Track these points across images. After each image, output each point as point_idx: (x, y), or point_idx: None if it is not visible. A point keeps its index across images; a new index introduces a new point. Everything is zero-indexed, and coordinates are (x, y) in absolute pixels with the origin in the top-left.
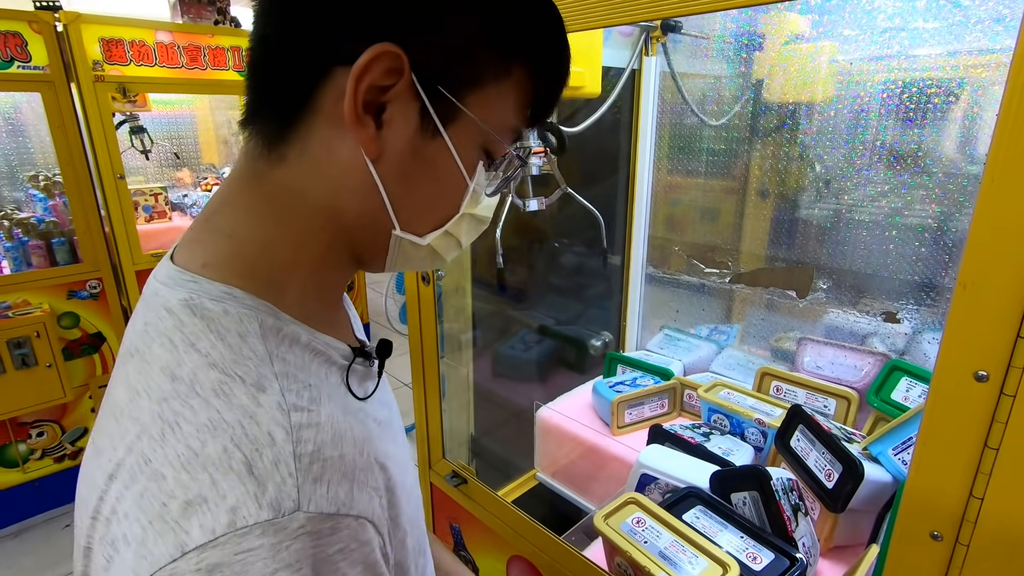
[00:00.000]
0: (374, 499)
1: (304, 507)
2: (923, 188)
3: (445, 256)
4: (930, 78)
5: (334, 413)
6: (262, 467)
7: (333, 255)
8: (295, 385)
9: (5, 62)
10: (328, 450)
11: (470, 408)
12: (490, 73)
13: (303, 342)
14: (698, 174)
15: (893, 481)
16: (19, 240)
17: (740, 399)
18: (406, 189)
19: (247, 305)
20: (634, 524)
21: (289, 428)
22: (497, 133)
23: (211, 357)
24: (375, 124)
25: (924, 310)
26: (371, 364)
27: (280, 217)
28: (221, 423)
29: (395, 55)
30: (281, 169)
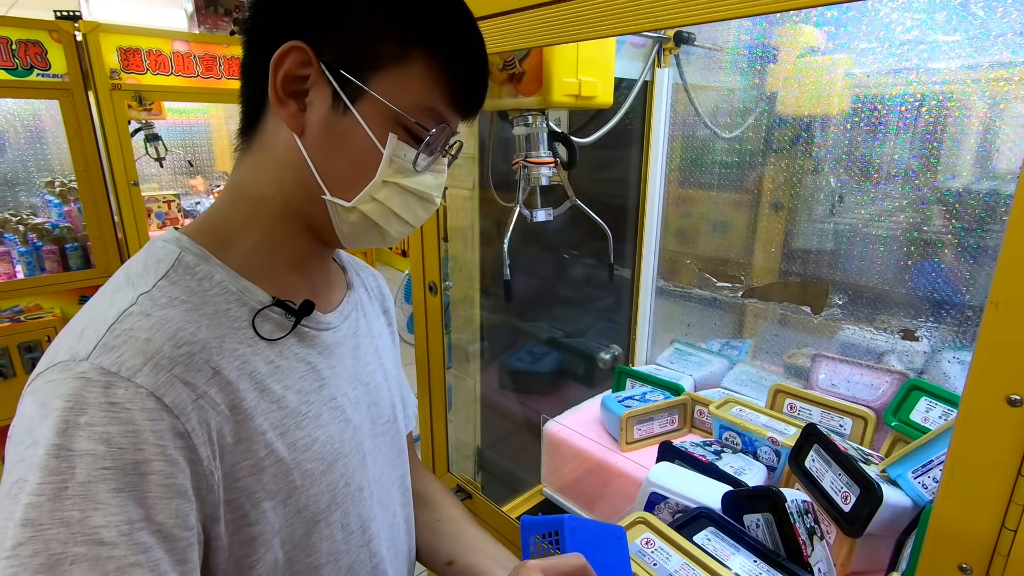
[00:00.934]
0: (177, 385)
1: (91, 359)
2: (942, 203)
3: (385, 227)
4: (950, 91)
5: (172, 316)
6: (89, 331)
7: (285, 224)
8: (160, 293)
9: (25, 70)
10: (139, 332)
11: (476, 420)
12: (387, 57)
13: (215, 279)
14: (710, 186)
15: (913, 506)
16: (34, 245)
17: (752, 416)
18: (329, 158)
19: (180, 246)
20: (643, 545)
21: (121, 312)
22: (408, 110)
23: (130, 269)
24: (299, 106)
25: (943, 328)
26: (289, 317)
27: (240, 194)
28: (101, 307)
29: (301, 49)
30: (247, 156)
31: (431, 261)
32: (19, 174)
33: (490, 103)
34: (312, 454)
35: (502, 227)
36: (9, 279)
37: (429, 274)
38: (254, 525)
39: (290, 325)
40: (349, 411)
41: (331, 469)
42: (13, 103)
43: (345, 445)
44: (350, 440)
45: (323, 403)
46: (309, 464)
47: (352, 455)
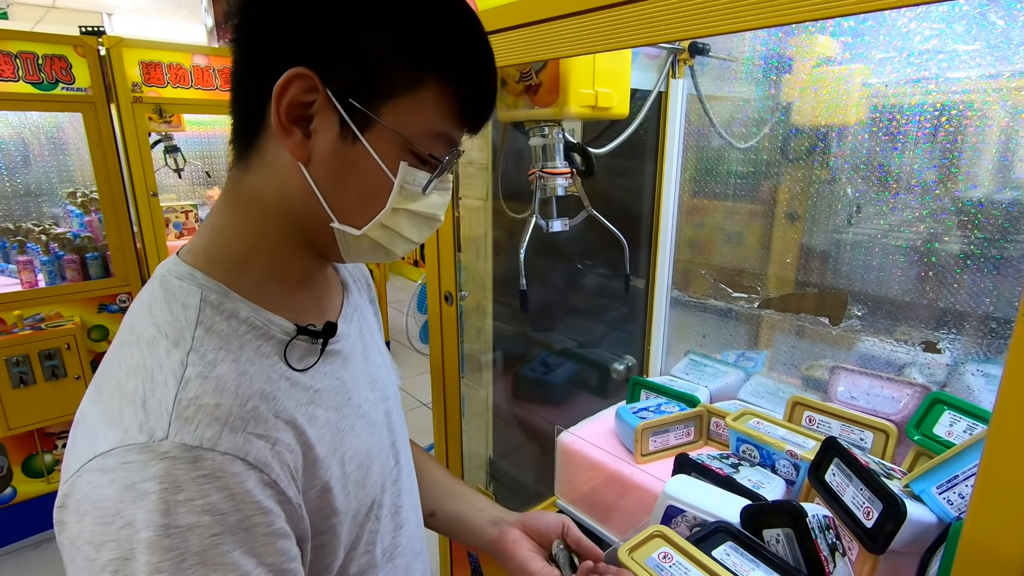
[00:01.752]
0: (254, 442)
1: (171, 437)
2: (963, 213)
3: (391, 248)
4: (970, 101)
5: (228, 372)
6: (152, 404)
7: (290, 244)
8: (205, 347)
9: (51, 84)
10: (206, 398)
11: (489, 430)
12: (400, 85)
13: (241, 317)
14: (725, 197)
15: (938, 522)
16: (55, 254)
17: (770, 429)
18: (337, 187)
19: (199, 283)
20: (660, 559)
21: (181, 378)
22: (419, 137)
23: (157, 319)
24: (303, 133)
25: (966, 340)
26: (315, 342)
27: (245, 214)
28: (142, 367)
29: (307, 76)
30: (247, 176)
31: (447, 271)
32: (42, 185)
33: (506, 114)
34: (355, 464)
35: (514, 237)
36: (31, 287)
37: (445, 284)
38: (324, 534)
39: (316, 348)
40: (372, 413)
41: (371, 472)
42: (38, 116)
43: (374, 446)
44: (378, 440)
45: (353, 414)
46: (356, 474)
47: (381, 453)
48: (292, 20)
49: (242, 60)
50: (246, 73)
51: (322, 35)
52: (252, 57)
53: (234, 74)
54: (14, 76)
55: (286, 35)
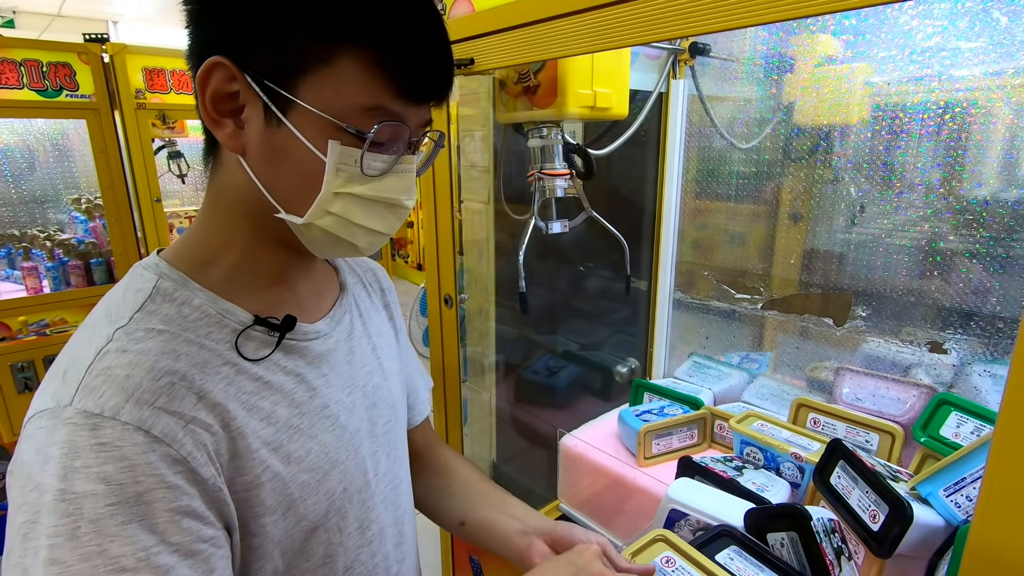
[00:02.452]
0: (163, 417)
1: (75, 404)
2: (969, 212)
3: (351, 239)
4: (974, 98)
5: (150, 348)
6: (71, 374)
7: (261, 239)
8: (137, 326)
9: (55, 91)
10: (117, 370)
11: (492, 434)
12: (314, 59)
13: (194, 304)
14: (727, 197)
15: (946, 525)
16: (60, 260)
17: (775, 431)
18: (273, 174)
19: (158, 272)
20: (664, 564)
21: (99, 351)
22: (346, 113)
23: (109, 302)
24: (236, 124)
25: (973, 340)
26: (272, 334)
27: (216, 213)
28: (76, 343)
29: (222, 65)
30: (215, 177)
31: (446, 274)
32: (47, 191)
33: (505, 115)
34: (307, 465)
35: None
36: (36, 293)
37: (445, 287)
38: (255, 536)
39: (274, 342)
40: (344, 417)
41: (327, 478)
42: (42, 123)
43: (341, 452)
44: (346, 446)
45: (315, 413)
46: (304, 476)
47: (349, 460)
48: (205, 9)
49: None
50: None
51: (231, 20)
52: (191, 55)
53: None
54: (19, 84)
55: (203, 26)
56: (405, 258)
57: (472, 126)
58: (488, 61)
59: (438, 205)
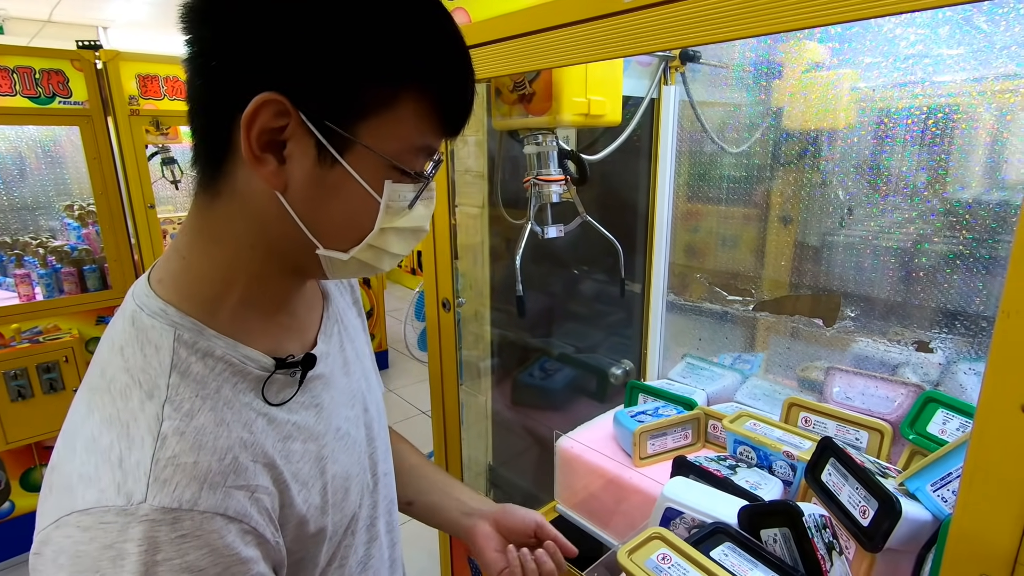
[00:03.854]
0: (234, 495)
1: (149, 500)
2: (952, 215)
3: (378, 265)
4: (956, 104)
5: (205, 424)
6: (129, 464)
7: (269, 270)
8: (181, 396)
9: (48, 98)
10: (184, 457)
11: (488, 437)
12: (375, 103)
13: (217, 355)
14: (719, 201)
15: (933, 519)
16: (53, 267)
17: (767, 430)
18: (318, 213)
19: (172, 321)
20: (659, 561)
21: (157, 435)
22: (401, 153)
23: (129, 363)
24: (277, 160)
25: (958, 339)
26: (294, 373)
27: (219, 244)
28: (116, 420)
29: (277, 101)
30: (217, 204)
31: (444, 278)
32: (39, 198)
33: (500, 123)
34: (334, 488)
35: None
36: (29, 301)
37: (442, 291)
38: (301, 558)
39: (295, 380)
40: (352, 433)
41: (348, 494)
42: (35, 130)
43: (354, 466)
44: (357, 460)
45: (332, 438)
46: (333, 499)
47: (361, 473)
48: (256, 40)
49: (202, 82)
50: (208, 95)
51: (289, 55)
52: (215, 80)
53: (193, 95)
54: (11, 90)
55: (250, 57)
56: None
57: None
58: (484, 70)
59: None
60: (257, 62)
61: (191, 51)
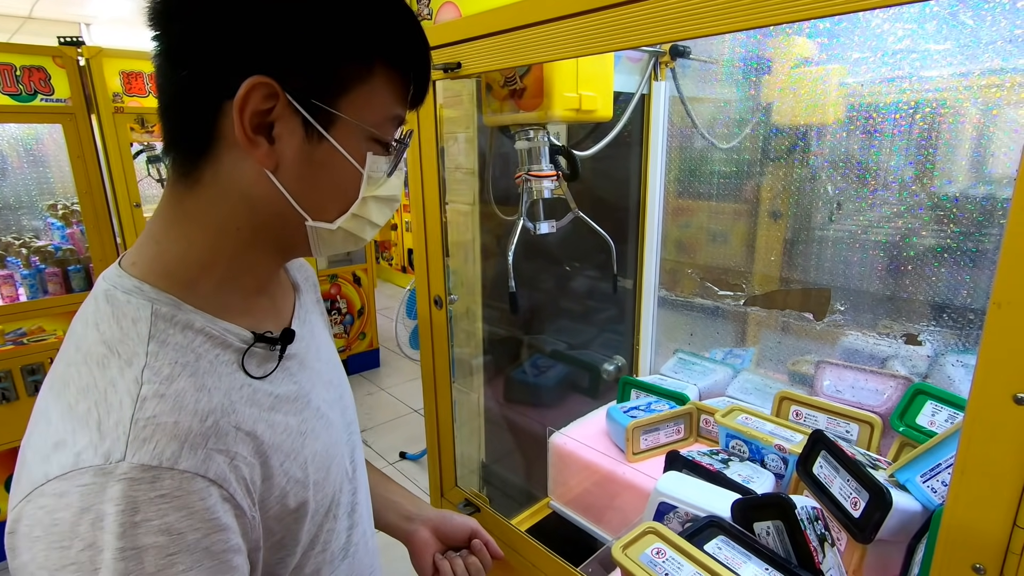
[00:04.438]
0: (215, 458)
1: (128, 458)
2: (940, 208)
3: (361, 235)
4: (943, 99)
5: (186, 388)
6: (107, 425)
7: (254, 250)
8: (160, 362)
9: (29, 95)
10: (164, 417)
11: (480, 434)
12: (353, 78)
13: (196, 327)
14: (709, 197)
15: (923, 510)
16: (36, 268)
17: (759, 424)
18: (308, 188)
19: (149, 297)
20: (654, 555)
21: (136, 397)
22: (379, 124)
23: (105, 335)
24: (268, 140)
25: (946, 332)
26: (273, 348)
27: (198, 226)
28: (93, 387)
29: (266, 84)
30: (198, 191)
31: (436, 275)
32: (21, 198)
33: (491, 118)
34: (315, 467)
35: (503, 241)
36: (12, 302)
37: (434, 288)
38: (282, 540)
39: (274, 355)
40: (329, 414)
41: (330, 474)
42: (16, 128)
43: (333, 447)
44: (335, 441)
45: (313, 416)
46: (315, 476)
47: (340, 454)
48: (237, 28)
49: (178, 73)
50: (193, 85)
51: (271, 39)
52: (198, 69)
53: (169, 88)
54: None
55: (234, 44)
56: (389, 260)
57: (456, 128)
58: (474, 65)
59: (427, 207)
60: (241, 49)
61: (164, 46)
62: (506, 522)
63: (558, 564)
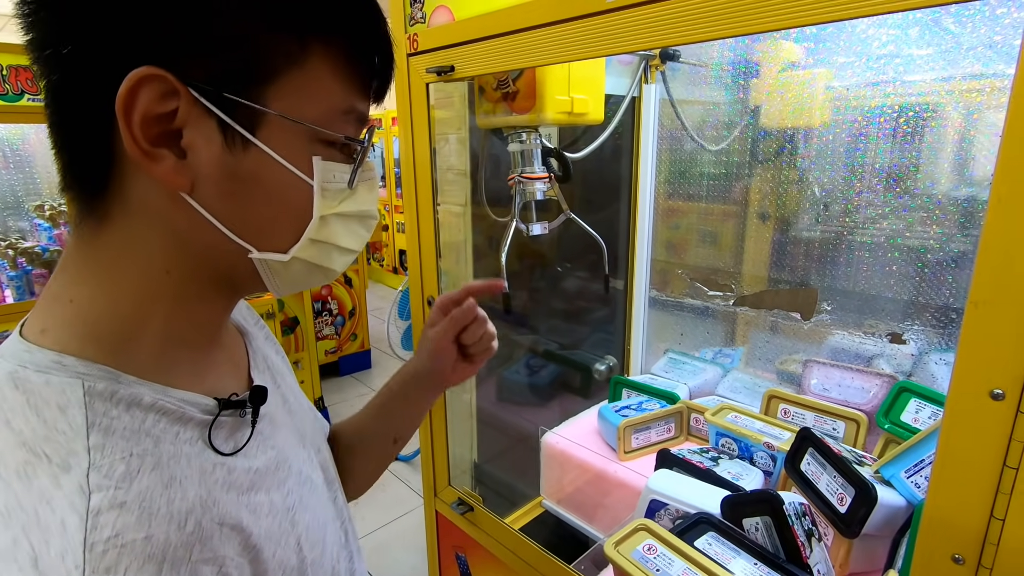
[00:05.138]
0: (204, 569)
1: None
2: (923, 210)
3: (328, 265)
4: (926, 103)
5: (151, 487)
6: (47, 560)
7: (194, 294)
8: (109, 459)
9: (15, 95)
10: (130, 533)
11: (473, 434)
12: (280, 61)
13: (146, 403)
14: (699, 198)
15: (907, 505)
16: (23, 269)
17: (748, 422)
18: (241, 209)
19: (76, 372)
20: (645, 551)
21: (85, 513)
22: (324, 119)
23: (23, 435)
24: (175, 154)
25: (929, 331)
26: (243, 414)
27: (118, 275)
28: (17, 509)
29: (157, 76)
30: (109, 229)
31: (429, 276)
32: (7, 199)
33: (484, 121)
34: (309, 545)
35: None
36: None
37: (428, 289)
38: None
39: (245, 422)
40: (312, 475)
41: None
42: (2, 128)
43: (323, 513)
44: (323, 504)
45: (296, 485)
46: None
47: (330, 520)
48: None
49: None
50: (69, 92)
51: (160, 15)
52: (72, 70)
53: (49, 97)
54: None
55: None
56: (380, 262)
57: (447, 129)
58: (468, 69)
59: (420, 208)
60: (121, 33)
61: (36, 45)
62: (499, 521)
63: (551, 562)
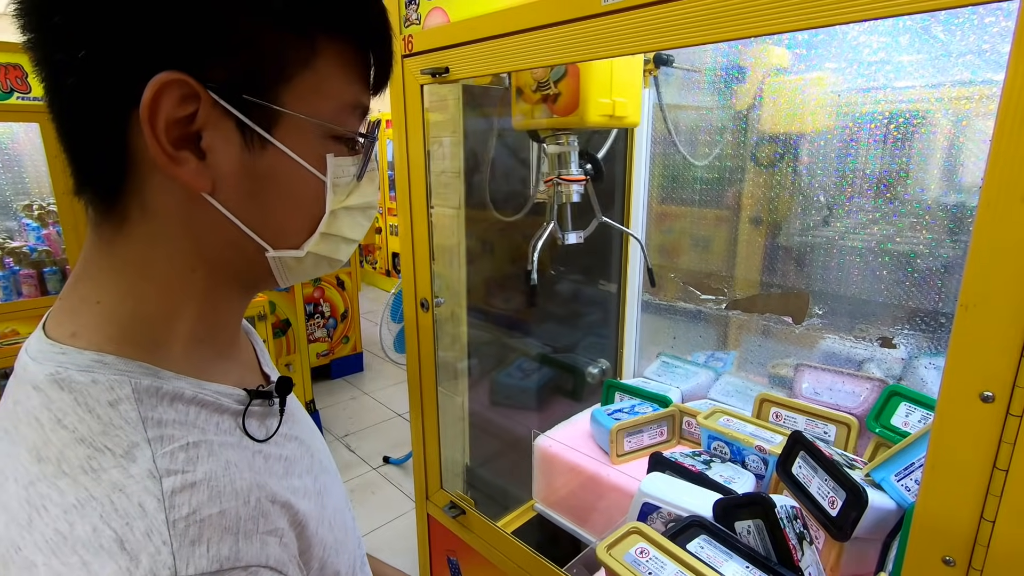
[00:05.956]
0: (269, 542)
1: (182, 571)
2: (913, 215)
3: (336, 256)
4: (916, 109)
5: (214, 469)
6: (134, 540)
7: (217, 294)
8: (170, 447)
9: (5, 93)
10: (205, 509)
11: (465, 438)
12: (293, 61)
13: (187, 397)
14: (692, 203)
15: (897, 508)
16: (11, 269)
17: (740, 426)
18: (259, 208)
19: (119, 370)
20: (638, 555)
21: (161, 495)
22: (335, 116)
23: (79, 432)
24: (196, 156)
25: (919, 335)
26: (271, 403)
27: (144, 275)
28: (89, 501)
29: (179, 81)
30: (129, 231)
31: (422, 278)
32: None
33: (523, 122)
34: (336, 524)
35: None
36: None
37: (421, 291)
38: None
39: (272, 411)
40: (329, 465)
41: (347, 532)
42: None
43: (341, 499)
44: (339, 491)
45: (320, 470)
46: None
47: (346, 508)
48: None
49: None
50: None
51: (178, 21)
52: (90, 74)
53: (62, 102)
54: None
55: (130, 33)
56: (373, 264)
57: (442, 132)
58: (462, 70)
59: (414, 210)
60: (139, 37)
61: (44, 49)
62: (491, 524)
63: (543, 565)
